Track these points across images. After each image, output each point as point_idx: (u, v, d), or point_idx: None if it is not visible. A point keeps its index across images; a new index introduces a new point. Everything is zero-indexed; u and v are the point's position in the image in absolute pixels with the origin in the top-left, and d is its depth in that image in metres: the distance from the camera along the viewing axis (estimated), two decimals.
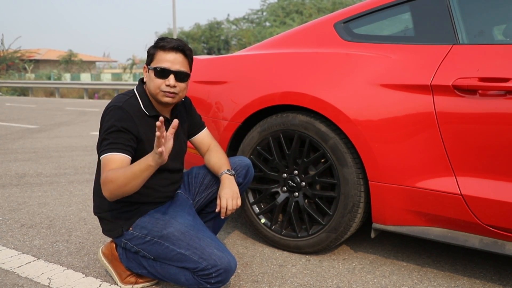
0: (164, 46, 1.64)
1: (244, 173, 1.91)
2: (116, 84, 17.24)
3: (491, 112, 1.57)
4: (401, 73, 1.76)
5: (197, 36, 29.13)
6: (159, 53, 1.65)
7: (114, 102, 1.64)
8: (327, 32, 2.07)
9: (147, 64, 1.70)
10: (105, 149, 1.56)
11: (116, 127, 1.57)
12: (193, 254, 1.58)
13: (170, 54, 1.64)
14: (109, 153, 1.55)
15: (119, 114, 1.59)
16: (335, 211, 1.94)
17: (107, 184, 1.50)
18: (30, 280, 1.82)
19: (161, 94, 1.65)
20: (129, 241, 1.68)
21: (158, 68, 1.63)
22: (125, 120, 1.59)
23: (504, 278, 1.87)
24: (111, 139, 1.56)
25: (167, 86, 1.64)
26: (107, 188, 1.51)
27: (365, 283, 1.82)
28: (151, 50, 1.68)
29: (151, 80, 1.66)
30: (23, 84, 20.15)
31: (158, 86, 1.64)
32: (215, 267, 1.55)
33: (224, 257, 1.57)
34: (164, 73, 1.63)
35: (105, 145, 1.56)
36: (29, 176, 3.72)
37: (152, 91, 1.66)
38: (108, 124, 1.58)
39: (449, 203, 1.68)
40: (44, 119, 8.75)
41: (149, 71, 1.68)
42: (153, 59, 1.66)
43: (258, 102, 2.08)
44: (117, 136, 1.57)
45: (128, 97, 1.67)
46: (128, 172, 1.46)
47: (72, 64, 33.41)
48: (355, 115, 1.81)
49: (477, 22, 1.86)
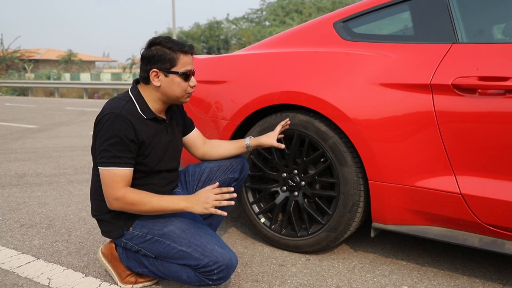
0: (186, 50, 1.65)
1: (240, 168, 1.93)
2: (115, 84, 17.23)
3: (490, 111, 1.57)
4: (400, 72, 1.76)
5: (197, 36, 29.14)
6: (182, 57, 1.64)
7: (111, 109, 1.59)
8: (326, 31, 2.07)
9: (162, 69, 1.63)
10: (109, 162, 1.56)
11: (118, 138, 1.56)
12: (195, 251, 1.58)
13: (189, 56, 1.67)
14: (114, 167, 1.57)
15: (118, 122, 1.56)
16: (334, 211, 1.94)
17: (127, 204, 1.58)
18: (29, 280, 1.82)
19: (186, 96, 1.71)
20: (130, 240, 1.68)
21: (188, 72, 1.65)
22: (126, 128, 1.57)
23: (504, 277, 1.87)
24: (114, 151, 1.56)
25: (191, 87, 1.70)
26: (124, 207, 1.59)
27: (365, 282, 1.82)
28: (167, 54, 1.62)
29: (177, 84, 1.65)
30: (22, 84, 20.15)
31: (185, 89, 1.68)
32: (216, 263, 1.56)
33: (225, 253, 1.59)
34: (190, 76, 1.67)
35: (108, 158, 1.56)
36: (28, 176, 3.72)
37: (178, 94, 1.67)
38: (108, 134, 1.56)
39: (448, 202, 1.68)
40: (44, 119, 8.75)
41: (167, 76, 1.64)
42: (176, 63, 1.63)
43: (258, 101, 2.08)
44: (120, 149, 1.57)
45: (125, 102, 1.63)
46: (156, 205, 1.58)
47: (71, 64, 33.40)
48: (354, 115, 1.81)
49: (477, 21, 1.86)
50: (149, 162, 1.67)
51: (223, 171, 1.91)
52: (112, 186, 1.57)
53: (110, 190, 1.58)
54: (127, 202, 1.57)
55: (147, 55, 1.64)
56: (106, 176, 1.58)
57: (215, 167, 1.92)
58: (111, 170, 1.57)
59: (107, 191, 1.59)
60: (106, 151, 1.57)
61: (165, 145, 1.73)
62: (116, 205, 1.59)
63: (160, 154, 1.71)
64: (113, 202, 1.59)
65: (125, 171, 1.59)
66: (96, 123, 1.63)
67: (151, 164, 1.68)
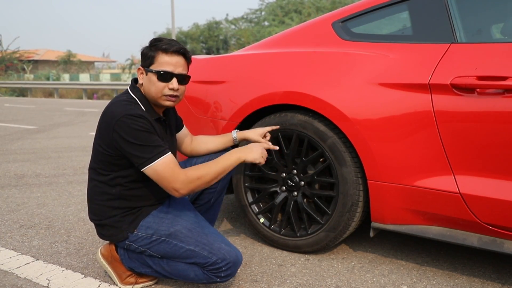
0: (167, 49, 1.61)
1: None
2: (115, 84, 17.20)
3: (489, 110, 1.57)
4: (399, 72, 1.76)
5: (196, 36, 29.13)
6: (161, 56, 1.61)
7: (123, 111, 1.54)
8: (325, 31, 2.07)
9: (144, 66, 1.65)
10: (154, 156, 1.53)
11: (145, 131, 1.53)
12: (203, 250, 1.60)
13: (173, 57, 1.62)
14: (162, 157, 1.54)
15: (137, 119, 1.53)
16: (334, 210, 1.94)
17: (193, 181, 1.57)
18: (29, 281, 1.82)
19: (163, 98, 1.64)
20: (134, 242, 1.67)
21: (162, 71, 1.60)
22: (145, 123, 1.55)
23: (503, 276, 1.87)
24: (150, 143, 1.54)
25: (170, 89, 1.63)
26: (192, 187, 1.57)
27: (364, 282, 1.82)
28: (149, 51, 1.63)
29: (152, 83, 1.62)
30: (22, 85, 20.14)
31: (161, 90, 1.62)
32: (224, 260, 1.58)
33: (232, 251, 1.61)
34: (167, 76, 1.61)
35: (150, 152, 1.53)
36: (28, 176, 3.71)
37: (154, 94, 1.63)
38: (135, 133, 1.52)
39: (447, 202, 1.68)
40: (43, 119, 8.74)
41: (147, 74, 1.63)
42: (154, 62, 1.61)
43: (257, 101, 2.08)
44: (154, 139, 1.55)
45: (132, 104, 1.61)
46: (219, 168, 1.61)
47: (71, 65, 33.40)
48: (353, 114, 1.81)
49: (475, 21, 1.86)
50: None
51: None
52: (172, 174, 1.54)
53: (173, 179, 1.54)
54: (193, 180, 1.56)
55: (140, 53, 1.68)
56: (160, 169, 1.54)
57: (204, 162, 1.91)
58: (162, 160, 1.54)
59: (169, 183, 1.54)
60: (144, 147, 1.53)
61: (168, 145, 1.73)
62: (185, 189, 1.56)
63: None
64: (181, 188, 1.55)
65: (170, 155, 1.57)
66: (111, 129, 1.55)
67: None
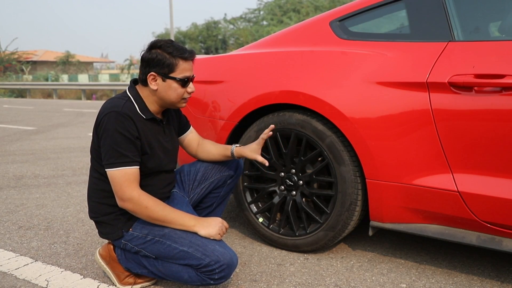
0: (187, 57, 1.64)
1: (235, 166, 1.97)
2: (114, 84, 17.21)
3: (487, 108, 1.58)
4: (397, 70, 1.76)
5: (195, 36, 29.14)
6: (181, 63, 1.63)
7: (112, 108, 1.59)
8: (322, 30, 2.07)
9: (161, 73, 1.63)
10: (118, 162, 1.56)
11: (123, 135, 1.56)
12: (196, 251, 1.59)
13: (189, 62, 1.67)
14: (125, 167, 1.57)
15: (121, 120, 1.56)
16: (332, 210, 1.94)
17: (140, 206, 1.58)
18: (28, 282, 1.81)
19: (182, 101, 1.71)
20: (129, 241, 1.68)
21: (186, 78, 1.65)
22: (129, 125, 1.57)
23: (501, 274, 1.87)
24: (122, 150, 1.56)
25: (189, 93, 1.70)
26: (135, 209, 1.59)
27: (363, 281, 1.82)
28: (166, 59, 1.61)
29: (173, 89, 1.65)
30: (20, 86, 20.13)
31: (181, 95, 1.68)
32: (218, 263, 1.57)
33: (226, 253, 1.60)
34: (187, 82, 1.67)
35: (117, 158, 1.56)
36: (26, 177, 3.71)
37: (174, 99, 1.67)
38: (112, 133, 1.55)
39: (446, 200, 1.69)
40: (42, 120, 8.74)
41: (165, 80, 1.64)
42: (175, 69, 1.62)
43: (255, 101, 2.08)
44: (127, 147, 1.57)
45: (124, 101, 1.63)
46: (168, 215, 1.61)
47: (69, 65, 33.36)
48: (351, 113, 1.81)
49: (473, 19, 1.86)
50: (149, 162, 1.67)
51: (218, 169, 1.93)
52: (127, 185, 1.57)
53: (125, 189, 1.57)
54: (141, 204, 1.57)
55: (146, 58, 1.63)
56: (117, 176, 1.57)
57: (209, 166, 1.94)
58: (123, 170, 1.56)
59: (120, 191, 1.57)
60: (114, 151, 1.56)
61: (164, 146, 1.74)
62: (129, 206, 1.59)
63: (159, 155, 1.71)
64: (127, 202, 1.58)
65: (135, 169, 1.59)
66: (98, 123, 1.62)
67: (151, 164, 1.68)
